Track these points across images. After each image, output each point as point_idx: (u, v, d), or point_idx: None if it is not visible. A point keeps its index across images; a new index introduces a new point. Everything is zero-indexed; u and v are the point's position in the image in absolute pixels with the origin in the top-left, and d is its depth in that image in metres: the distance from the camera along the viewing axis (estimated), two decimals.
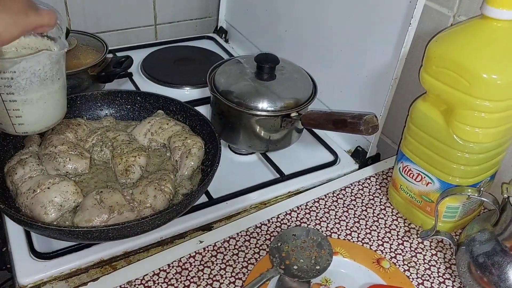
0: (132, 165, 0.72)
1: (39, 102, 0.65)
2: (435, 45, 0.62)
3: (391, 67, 0.77)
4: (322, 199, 0.77)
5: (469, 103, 0.59)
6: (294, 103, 0.79)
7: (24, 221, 0.61)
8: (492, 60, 0.57)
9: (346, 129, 0.70)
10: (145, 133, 0.79)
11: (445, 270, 0.67)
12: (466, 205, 0.69)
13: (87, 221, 0.63)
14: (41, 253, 0.65)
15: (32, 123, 0.67)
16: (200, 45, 1.19)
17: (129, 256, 0.68)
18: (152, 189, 0.68)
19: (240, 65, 0.85)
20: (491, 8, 0.57)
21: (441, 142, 0.64)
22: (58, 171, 0.71)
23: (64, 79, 0.69)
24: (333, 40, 0.89)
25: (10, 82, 0.61)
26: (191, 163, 0.74)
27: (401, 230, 0.72)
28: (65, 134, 0.75)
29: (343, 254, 0.67)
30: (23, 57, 0.61)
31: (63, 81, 0.69)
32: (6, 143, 0.74)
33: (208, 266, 0.65)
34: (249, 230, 0.70)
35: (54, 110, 0.69)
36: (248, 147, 0.84)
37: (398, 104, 0.86)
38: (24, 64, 0.61)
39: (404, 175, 0.72)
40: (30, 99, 0.64)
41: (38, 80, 0.63)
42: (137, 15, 1.17)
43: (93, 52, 0.92)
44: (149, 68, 1.06)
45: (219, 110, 0.82)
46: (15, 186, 0.68)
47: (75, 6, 1.09)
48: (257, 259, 0.66)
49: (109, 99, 0.84)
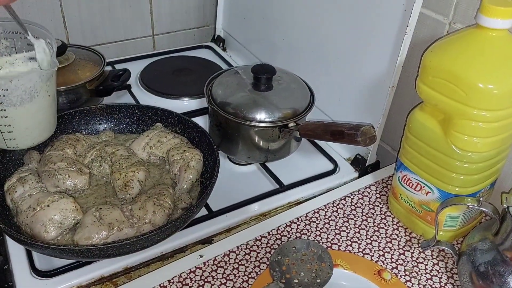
0: (131, 180, 0.72)
1: (30, 118, 0.68)
2: (430, 55, 0.62)
3: (388, 75, 0.77)
4: (322, 210, 0.76)
5: (466, 113, 0.59)
6: (292, 113, 0.79)
7: (24, 240, 0.61)
8: (488, 70, 0.57)
9: (344, 140, 0.69)
10: (143, 147, 0.79)
11: (447, 280, 0.67)
12: (466, 214, 0.68)
13: (86, 238, 0.63)
14: (42, 271, 0.65)
15: (23, 138, 0.70)
16: (197, 54, 1.19)
17: (130, 272, 0.68)
18: (151, 204, 0.68)
19: (237, 76, 0.85)
20: (485, 18, 0.57)
21: (439, 152, 0.64)
22: (57, 188, 0.71)
23: (54, 95, 0.71)
24: (330, 48, 0.89)
25: (2, 99, 0.64)
26: (190, 177, 0.74)
27: (402, 239, 0.72)
28: (64, 150, 0.76)
29: (344, 266, 0.66)
30: (14, 76, 0.63)
31: (53, 97, 0.71)
32: (6, 161, 0.74)
33: (209, 281, 0.65)
34: (249, 243, 0.70)
35: (44, 125, 0.72)
36: (247, 158, 0.84)
37: (397, 111, 0.86)
38: (16, 82, 0.64)
39: (403, 184, 0.71)
40: (21, 115, 0.67)
41: (29, 97, 0.66)
42: (135, 26, 1.17)
43: (91, 66, 0.93)
44: (147, 79, 1.06)
45: (217, 122, 0.82)
46: (15, 205, 0.68)
47: (73, 19, 1.09)
48: (257, 272, 0.66)
49: (107, 113, 0.84)
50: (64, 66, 0.90)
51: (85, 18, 1.10)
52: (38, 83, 0.66)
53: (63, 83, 0.87)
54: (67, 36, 1.10)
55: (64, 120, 0.81)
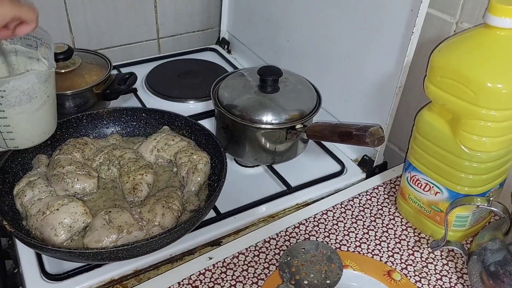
0: (140, 183, 0.73)
1: (29, 119, 0.69)
2: (438, 55, 0.62)
3: (395, 76, 0.77)
4: (330, 211, 0.76)
5: (475, 113, 0.59)
6: (299, 115, 0.79)
7: (35, 244, 0.61)
8: (497, 69, 0.57)
9: (352, 141, 0.69)
10: (151, 150, 0.79)
11: (457, 280, 0.66)
12: (476, 214, 0.68)
13: (96, 241, 0.63)
14: (52, 274, 0.66)
15: (23, 138, 0.71)
16: (202, 57, 1.19)
17: (139, 274, 0.68)
18: (160, 207, 0.68)
19: (243, 78, 0.85)
20: (493, 17, 0.57)
21: (448, 152, 0.64)
22: (66, 192, 0.71)
23: (53, 96, 0.72)
24: (336, 49, 0.89)
25: (0, 100, 0.65)
26: (198, 179, 0.74)
27: (411, 240, 0.72)
28: (72, 154, 0.76)
29: (353, 267, 0.66)
30: (12, 77, 0.64)
31: (52, 98, 0.72)
32: (15, 165, 0.74)
33: (218, 283, 0.65)
34: (258, 244, 0.70)
35: (44, 126, 0.72)
36: (254, 160, 0.84)
37: (404, 112, 0.86)
38: (14, 83, 0.64)
39: (412, 184, 0.71)
40: (20, 116, 0.67)
41: (27, 98, 0.66)
42: (140, 29, 1.18)
43: (97, 70, 0.93)
44: (153, 83, 1.06)
45: (224, 124, 0.83)
46: (24, 209, 0.69)
47: (78, 24, 1.09)
48: (266, 274, 0.66)
49: (114, 116, 0.85)
50: (71, 70, 0.90)
51: (90, 23, 1.11)
52: (36, 84, 0.66)
53: (70, 87, 0.88)
54: (73, 40, 1.11)
55: (71, 124, 0.81)
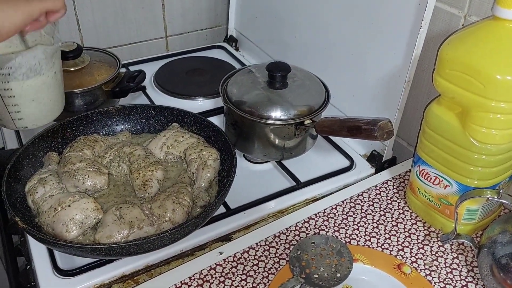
0: (150, 179, 0.73)
1: (37, 96, 0.68)
2: (447, 48, 0.62)
3: (403, 70, 0.77)
4: (339, 206, 0.77)
5: (484, 105, 0.59)
6: (308, 110, 0.79)
7: (47, 240, 0.62)
8: (506, 61, 0.57)
9: (361, 136, 0.69)
10: (161, 146, 0.80)
11: (467, 273, 0.66)
12: (485, 207, 0.68)
13: (108, 237, 0.64)
14: (64, 270, 0.66)
15: (31, 117, 0.70)
16: (210, 54, 1.20)
17: (151, 269, 0.69)
18: (171, 202, 0.68)
19: (252, 74, 0.85)
20: (502, 9, 0.56)
21: (457, 145, 0.64)
22: (77, 188, 0.72)
23: (60, 73, 0.71)
24: (343, 45, 0.89)
25: (7, 78, 0.64)
26: (208, 175, 0.74)
27: (421, 234, 0.72)
28: (82, 151, 0.77)
29: (363, 260, 0.66)
30: (19, 53, 0.63)
31: (59, 75, 0.71)
32: (26, 163, 0.75)
33: (229, 277, 0.65)
34: (268, 239, 0.71)
35: (52, 104, 0.72)
36: (263, 156, 0.84)
37: (413, 106, 0.86)
38: (20, 60, 0.63)
39: (421, 178, 0.71)
40: (28, 93, 0.67)
41: (34, 75, 0.65)
42: (148, 28, 1.19)
43: (107, 68, 0.94)
44: (162, 80, 1.07)
45: (233, 121, 0.83)
46: (36, 205, 0.69)
47: (87, 23, 1.10)
48: (277, 268, 0.66)
49: (124, 114, 0.85)
50: (80, 68, 0.91)
51: (98, 21, 1.12)
52: (43, 59, 0.66)
53: (80, 85, 0.89)
54: (81, 39, 1.12)
55: (81, 121, 0.82)
